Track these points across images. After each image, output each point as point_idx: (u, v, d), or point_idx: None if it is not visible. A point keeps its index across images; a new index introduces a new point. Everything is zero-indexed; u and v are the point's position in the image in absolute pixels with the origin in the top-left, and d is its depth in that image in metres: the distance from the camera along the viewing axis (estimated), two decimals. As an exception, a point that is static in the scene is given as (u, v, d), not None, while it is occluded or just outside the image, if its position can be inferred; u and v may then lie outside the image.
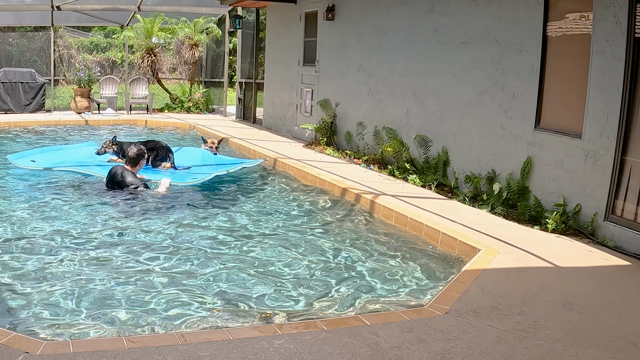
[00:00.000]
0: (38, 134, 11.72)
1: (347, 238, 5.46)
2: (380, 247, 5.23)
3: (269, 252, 4.93)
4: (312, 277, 4.46)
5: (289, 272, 4.54)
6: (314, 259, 4.84)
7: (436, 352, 3.05)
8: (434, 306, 3.66)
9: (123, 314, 3.62)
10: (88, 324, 3.48)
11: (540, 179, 6.01)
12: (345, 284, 4.32)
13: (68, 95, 16.75)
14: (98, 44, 21.94)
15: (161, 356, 2.84)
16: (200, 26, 16.40)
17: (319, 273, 4.55)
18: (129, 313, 3.65)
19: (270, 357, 2.90)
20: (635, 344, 3.27)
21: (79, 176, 7.39)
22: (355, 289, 4.22)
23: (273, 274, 4.48)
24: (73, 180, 7.22)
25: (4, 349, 2.80)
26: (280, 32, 12.50)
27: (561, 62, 5.85)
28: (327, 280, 4.41)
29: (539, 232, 5.45)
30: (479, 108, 6.90)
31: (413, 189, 7.09)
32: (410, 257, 4.97)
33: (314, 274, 4.52)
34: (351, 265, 4.76)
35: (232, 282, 4.26)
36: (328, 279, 4.44)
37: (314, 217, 6.16)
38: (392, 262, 4.84)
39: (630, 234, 5.00)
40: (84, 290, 3.93)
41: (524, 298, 3.86)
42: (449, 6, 7.40)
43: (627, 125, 5.07)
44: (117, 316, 3.60)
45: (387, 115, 8.73)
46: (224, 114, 15.60)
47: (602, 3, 5.22)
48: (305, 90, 11.36)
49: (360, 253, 5.04)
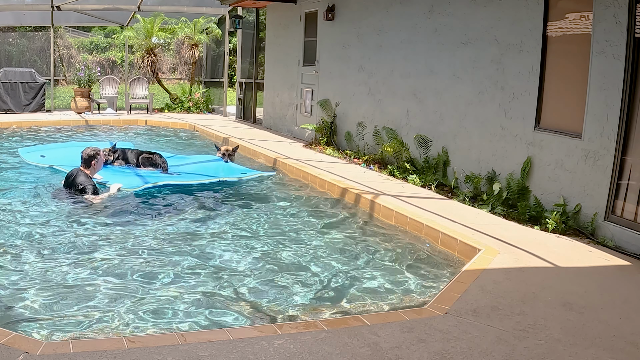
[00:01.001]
0: (39, 133, 11.73)
1: (346, 237, 5.46)
2: (379, 247, 5.23)
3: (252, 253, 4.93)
4: (312, 276, 4.46)
5: (281, 271, 4.54)
6: (313, 258, 4.84)
7: (436, 352, 3.05)
8: (434, 306, 3.66)
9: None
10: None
11: (540, 179, 6.01)
12: (345, 284, 4.32)
13: (68, 95, 16.74)
14: (98, 44, 21.94)
15: (161, 356, 2.84)
16: (200, 26, 16.40)
17: (318, 273, 4.55)
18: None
19: (270, 357, 2.90)
20: (635, 344, 3.27)
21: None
22: (355, 289, 4.22)
23: (269, 273, 4.48)
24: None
25: (4, 349, 2.80)
26: (280, 32, 12.50)
27: (561, 62, 5.85)
28: (328, 280, 4.41)
29: (539, 232, 5.45)
30: (479, 108, 6.90)
31: (413, 189, 7.09)
32: (410, 257, 4.97)
33: (314, 274, 4.52)
34: (351, 265, 4.75)
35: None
36: (328, 278, 4.43)
37: (309, 215, 6.16)
38: (391, 262, 4.84)
39: (630, 234, 5.00)
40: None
41: (524, 298, 3.86)
42: (449, 6, 7.39)
43: (627, 125, 5.07)
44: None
45: (387, 115, 8.73)
46: (224, 114, 15.60)
47: (602, 3, 5.22)
48: (305, 90, 11.36)
49: (359, 253, 5.04)
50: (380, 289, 4.26)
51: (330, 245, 5.23)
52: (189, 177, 7.41)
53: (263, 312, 3.80)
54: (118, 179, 6.94)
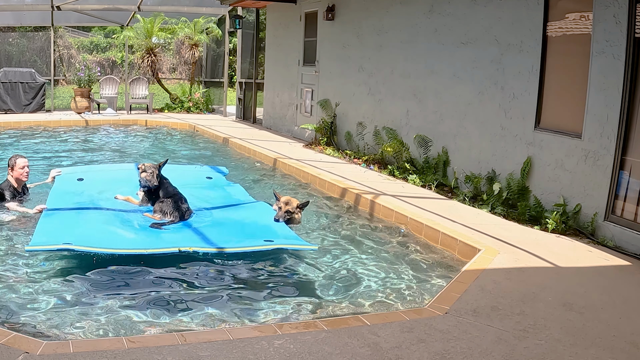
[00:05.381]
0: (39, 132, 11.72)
1: (345, 237, 5.46)
2: (379, 246, 5.22)
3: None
4: (310, 275, 4.46)
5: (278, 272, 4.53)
6: (311, 258, 4.84)
7: (436, 352, 3.05)
8: (434, 306, 3.66)
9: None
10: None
11: (540, 179, 6.01)
12: (344, 284, 4.32)
13: (68, 95, 16.74)
14: (98, 44, 21.94)
15: (161, 356, 2.84)
16: (200, 26, 16.40)
17: (317, 272, 4.55)
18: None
19: (270, 357, 2.90)
20: (635, 344, 3.27)
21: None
22: (354, 289, 4.22)
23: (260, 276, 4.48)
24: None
25: (4, 349, 2.80)
26: (280, 32, 12.50)
27: (561, 62, 5.85)
28: (327, 279, 4.41)
29: (539, 232, 5.44)
30: (479, 108, 6.90)
31: (413, 189, 7.09)
32: (410, 257, 4.97)
33: (313, 273, 4.52)
34: (350, 265, 4.75)
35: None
36: (327, 278, 4.43)
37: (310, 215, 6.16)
38: (392, 262, 4.84)
39: (630, 234, 5.00)
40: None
41: (524, 298, 3.86)
42: (449, 6, 7.39)
43: (627, 125, 5.07)
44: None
45: (387, 115, 8.73)
46: (224, 114, 15.60)
47: (602, 3, 5.22)
48: (305, 90, 11.36)
49: (357, 252, 5.04)
50: (381, 288, 4.26)
51: (329, 243, 5.22)
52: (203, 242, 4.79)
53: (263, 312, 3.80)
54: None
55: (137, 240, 4.71)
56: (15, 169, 5.90)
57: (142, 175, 5.59)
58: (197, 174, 7.17)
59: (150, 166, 5.63)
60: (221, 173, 7.33)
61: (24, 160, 5.97)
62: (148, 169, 5.59)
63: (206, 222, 5.31)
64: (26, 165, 5.97)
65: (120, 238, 4.70)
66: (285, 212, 5.32)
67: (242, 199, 6.20)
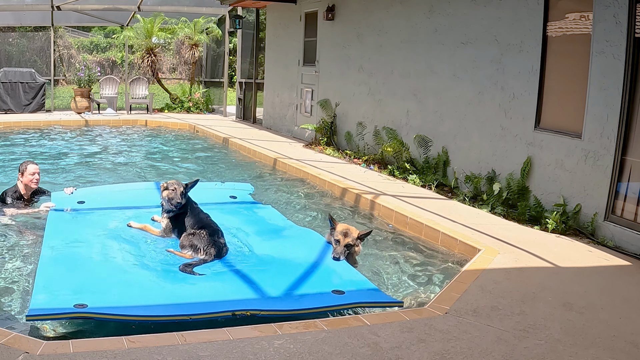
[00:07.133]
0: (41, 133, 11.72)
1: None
2: (378, 246, 5.22)
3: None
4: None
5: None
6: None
7: (436, 352, 3.05)
8: (434, 306, 3.66)
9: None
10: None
11: (540, 179, 6.01)
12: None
13: (68, 95, 16.75)
14: (98, 44, 21.95)
15: (161, 356, 2.84)
16: (200, 26, 16.40)
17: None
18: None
19: (270, 357, 2.90)
20: (635, 344, 3.27)
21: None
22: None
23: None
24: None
25: (4, 349, 2.80)
26: (280, 32, 12.51)
27: (561, 62, 5.85)
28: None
29: (539, 232, 5.45)
30: (479, 108, 6.90)
31: (413, 189, 7.09)
32: (410, 257, 4.97)
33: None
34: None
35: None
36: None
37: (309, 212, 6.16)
38: (392, 261, 4.84)
39: (630, 234, 5.00)
40: None
41: (524, 298, 3.86)
42: (449, 6, 7.39)
43: (627, 125, 5.07)
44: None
45: (387, 115, 8.73)
46: (224, 114, 15.61)
47: (602, 3, 5.22)
48: (305, 90, 11.36)
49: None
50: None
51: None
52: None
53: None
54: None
55: (167, 294, 3.70)
56: (25, 175, 5.81)
57: (165, 194, 4.58)
58: (218, 193, 6.16)
59: (174, 182, 4.70)
60: (246, 191, 6.44)
61: (34, 167, 5.85)
62: (171, 186, 4.62)
63: (248, 262, 4.37)
64: (37, 172, 5.86)
65: (145, 292, 3.72)
66: (344, 247, 4.41)
67: (282, 225, 5.28)
